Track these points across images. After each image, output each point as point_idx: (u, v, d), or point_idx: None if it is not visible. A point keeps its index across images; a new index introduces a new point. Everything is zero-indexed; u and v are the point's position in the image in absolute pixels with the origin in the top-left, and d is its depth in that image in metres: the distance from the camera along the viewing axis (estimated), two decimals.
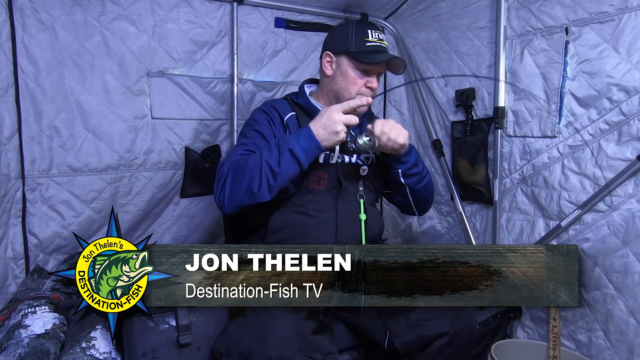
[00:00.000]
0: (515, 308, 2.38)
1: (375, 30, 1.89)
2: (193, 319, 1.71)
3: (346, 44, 1.87)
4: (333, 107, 1.67)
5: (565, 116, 2.13)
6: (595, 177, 2.03)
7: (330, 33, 2.02)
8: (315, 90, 2.06)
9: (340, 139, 1.66)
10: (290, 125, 1.93)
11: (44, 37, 2.09)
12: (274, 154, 1.65)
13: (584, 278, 2.10)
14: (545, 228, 2.24)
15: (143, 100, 2.36)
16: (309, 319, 1.49)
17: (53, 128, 2.15)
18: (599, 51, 2.01)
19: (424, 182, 2.00)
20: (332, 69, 1.93)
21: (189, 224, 2.69)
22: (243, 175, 1.67)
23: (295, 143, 1.64)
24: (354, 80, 1.88)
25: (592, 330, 2.07)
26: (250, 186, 1.65)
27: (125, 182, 2.37)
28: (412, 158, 1.91)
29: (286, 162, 1.64)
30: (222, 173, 1.74)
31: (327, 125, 1.64)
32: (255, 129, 1.90)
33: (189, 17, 2.43)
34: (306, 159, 1.66)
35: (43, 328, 1.73)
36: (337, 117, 1.64)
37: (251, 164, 1.66)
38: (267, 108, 1.98)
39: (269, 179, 1.64)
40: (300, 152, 1.64)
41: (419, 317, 1.63)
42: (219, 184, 1.74)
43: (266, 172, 1.63)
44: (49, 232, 2.20)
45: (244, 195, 1.67)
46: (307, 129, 1.67)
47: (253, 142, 1.84)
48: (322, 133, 1.65)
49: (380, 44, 1.88)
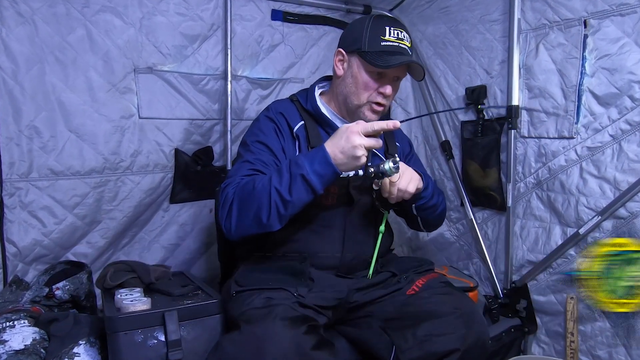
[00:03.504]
0: (531, 322, 2.38)
1: (395, 28, 1.81)
2: (183, 334, 1.72)
3: (359, 42, 1.81)
4: (353, 128, 1.57)
5: (584, 116, 2.13)
6: (616, 181, 2.03)
7: (347, 27, 1.97)
8: (327, 90, 2.04)
9: (360, 164, 1.59)
10: (300, 137, 1.89)
11: (23, 30, 2.10)
12: (284, 180, 1.60)
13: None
14: (562, 236, 2.24)
15: (130, 98, 2.37)
16: (309, 334, 1.49)
17: (33, 128, 2.15)
18: (619, 46, 2.01)
19: (438, 211, 2.02)
20: (344, 68, 1.89)
21: (179, 232, 2.69)
22: (250, 203, 1.64)
23: (309, 167, 1.58)
24: (365, 85, 1.83)
25: (612, 345, 2.07)
26: (258, 215, 1.63)
27: (110, 186, 2.37)
28: (427, 194, 1.91)
29: (298, 189, 1.59)
30: (227, 197, 1.71)
31: (347, 149, 1.55)
32: (260, 140, 1.86)
33: (179, 9, 2.44)
34: (321, 186, 1.60)
35: (22, 343, 1.73)
36: (358, 141, 1.54)
37: (259, 190, 1.62)
38: (274, 115, 1.93)
39: (279, 208, 1.61)
40: (315, 178, 1.58)
41: (427, 331, 1.62)
42: (224, 210, 1.71)
43: (276, 199, 1.60)
44: (28, 240, 2.20)
45: (252, 224, 1.66)
46: (322, 152, 1.59)
47: (259, 158, 1.81)
48: (340, 158, 1.57)
49: (398, 44, 1.80)
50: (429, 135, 2.97)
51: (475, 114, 2.59)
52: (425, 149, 3.02)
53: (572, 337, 2.18)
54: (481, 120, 2.55)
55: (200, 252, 2.80)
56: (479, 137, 2.58)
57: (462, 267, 2.82)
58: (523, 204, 2.42)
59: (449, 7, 2.72)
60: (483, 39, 2.54)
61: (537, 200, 2.36)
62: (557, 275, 2.25)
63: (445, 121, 2.84)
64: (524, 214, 2.42)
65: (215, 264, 2.65)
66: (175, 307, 1.73)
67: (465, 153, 2.70)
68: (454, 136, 2.80)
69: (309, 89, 2.02)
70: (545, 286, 2.32)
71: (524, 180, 2.39)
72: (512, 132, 2.40)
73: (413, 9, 2.91)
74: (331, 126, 1.93)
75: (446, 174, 2.87)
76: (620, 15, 1.99)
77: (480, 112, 2.55)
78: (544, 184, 2.30)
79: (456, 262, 2.89)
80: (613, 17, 2.02)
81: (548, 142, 2.27)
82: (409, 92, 3.08)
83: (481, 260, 2.69)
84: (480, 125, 2.56)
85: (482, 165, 2.58)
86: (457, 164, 2.78)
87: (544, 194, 2.32)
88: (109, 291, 1.93)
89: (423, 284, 1.82)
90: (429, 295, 1.76)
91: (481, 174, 2.60)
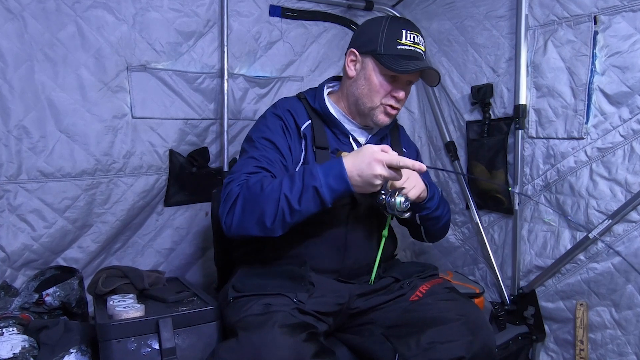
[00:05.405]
0: (539, 330, 2.38)
1: (411, 32, 1.84)
2: (178, 342, 1.72)
3: (374, 44, 1.84)
4: (378, 155, 1.57)
5: (594, 115, 2.14)
6: (628, 184, 2.04)
7: (360, 27, 1.99)
8: (336, 89, 2.05)
9: (374, 190, 1.63)
10: (307, 136, 1.91)
11: (12, 26, 2.09)
12: (295, 188, 1.61)
13: (615, 296, 2.11)
14: (571, 240, 2.25)
15: (122, 97, 2.37)
16: (309, 341, 1.49)
17: (22, 128, 2.15)
18: (631, 43, 2.02)
19: (442, 222, 2.04)
20: (356, 69, 1.91)
21: (173, 236, 2.69)
22: (256, 204, 1.65)
23: (324, 181, 1.60)
24: (378, 88, 1.86)
25: (623, 354, 2.08)
26: (262, 219, 1.64)
27: (102, 188, 2.37)
28: (432, 204, 1.93)
29: (308, 200, 1.61)
30: (231, 193, 1.72)
31: (366, 174, 1.57)
32: (266, 137, 1.88)
33: (173, 4, 2.44)
34: (332, 200, 1.62)
35: (11, 352, 1.73)
36: (380, 171, 1.56)
37: (268, 193, 1.64)
38: (282, 112, 1.95)
39: (285, 215, 1.63)
40: (327, 192, 1.60)
41: (431, 339, 1.62)
42: (226, 205, 1.73)
43: (283, 206, 1.61)
44: (17, 244, 2.19)
45: (254, 226, 1.67)
46: (340, 167, 1.60)
47: (264, 155, 1.82)
48: (357, 180, 1.59)
49: (414, 48, 1.83)
50: (434, 135, 2.98)
51: (481, 113, 2.60)
52: (429, 150, 3.02)
53: (582, 345, 2.18)
54: (487, 120, 2.56)
55: (195, 257, 2.80)
56: (485, 137, 2.58)
57: (468, 273, 2.83)
58: (531, 207, 2.43)
59: (454, 3, 2.73)
60: (489, 36, 2.55)
61: (545, 203, 2.36)
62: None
63: (450, 121, 2.85)
64: (531, 218, 2.43)
65: (211, 269, 2.65)
66: (169, 314, 1.73)
67: (471, 154, 2.71)
68: (459, 137, 2.81)
69: (318, 88, 2.03)
70: (554, 292, 2.32)
71: (532, 182, 2.40)
72: (519, 133, 2.41)
73: (417, 4, 2.92)
74: (338, 127, 1.95)
75: (451, 175, 2.87)
76: (632, 11, 2.00)
77: (486, 111, 2.55)
78: (552, 186, 2.31)
79: (461, 267, 2.89)
80: (624, 13, 2.02)
81: (557, 143, 2.28)
82: (412, 92, 3.08)
83: (487, 265, 2.70)
84: (487, 126, 2.57)
85: (489, 166, 2.59)
86: (463, 166, 2.79)
87: (552, 196, 2.32)
88: (101, 297, 1.94)
89: (427, 290, 1.82)
90: (433, 302, 1.76)
91: (487, 176, 2.60)
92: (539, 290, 2.39)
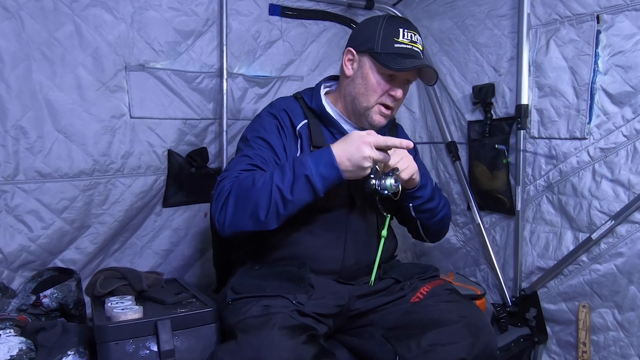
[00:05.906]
0: (541, 332, 2.38)
1: (408, 30, 1.85)
2: (177, 344, 1.72)
3: (372, 42, 1.84)
4: (366, 139, 1.60)
5: (597, 115, 2.14)
6: (631, 184, 2.04)
7: (357, 26, 2.00)
8: (333, 89, 2.06)
9: (365, 174, 1.64)
10: (303, 135, 1.92)
11: (9, 26, 2.10)
12: (286, 178, 1.63)
13: (618, 298, 2.11)
14: (573, 241, 2.25)
15: (121, 97, 2.37)
16: (309, 344, 1.49)
17: (19, 129, 2.15)
18: (634, 42, 2.02)
19: (438, 217, 2.03)
20: (353, 68, 1.92)
21: (172, 237, 2.69)
22: (248, 198, 1.66)
23: (314, 169, 1.61)
24: (375, 87, 1.86)
25: (626, 356, 2.08)
26: (256, 212, 1.65)
27: (100, 189, 2.37)
28: (425, 194, 1.92)
29: (300, 189, 1.62)
30: (223, 190, 1.73)
31: (355, 157, 1.59)
32: (261, 136, 1.89)
33: (172, 3, 2.44)
34: (324, 188, 1.63)
35: (8, 354, 1.73)
36: (368, 152, 1.58)
37: (260, 186, 1.65)
38: (278, 112, 1.96)
39: (278, 207, 1.63)
40: (319, 180, 1.61)
41: (432, 341, 1.62)
42: (218, 203, 1.73)
43: (276, 198, 1.62)
44: (14, 245, 2.20)
45: (248, 220, 1.67)
46: (329, 154, 1.62)
47: (258, 154, 1.83)
48: (346, 165, 1.61)
49: (412, 47, 1.84)
50: (434, 135, 2.98)
51: (483, 113, 2.60)
52: (430, 150, 3.02)
53: (585, 347, 2.18)
54: (489, 120, 2.56)
55: (194, 258, 2.80)
56: (486, 137, 2.58)
57: (469, 274, 2.83)
58: (533, 207, 2.43)
59: (455, 2, 2.73)
60: (491, 35, 2.55)
61: (547, 204, 2.36)
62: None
63: (451, 121, 2.85)
64: (533, 218, 2.43)
65: (210, 270, 2.65)
66: (168, 316, 1.74)
67: (472, 154, 2.71)
68: (460, 137, 2.81)
69: (315, 87, 2.04)
70: (556, 294, 2.32)
71: (534, 182, 2.40)
72: (521, 133, 2.41)
73: (417, 3, 2.92)
74: (336, 126, 1.95)
75: (452, 176, 2.87)
76: (635, 10, 2.00)
77: (488, 111, 2.55)
78: (554, 186, 2.31)
79: (463, 268, 2.89)
80: (627, 12, 2.03)
81: (559, 143, 2.28)
82: (413, 91, 3.08)
83: (489, 266, 2.70)
84: (488, 126, 2.57)
85: (490, 167, 2.58)
86: (464, 166, 2.79)
87: (554, 197, 2.32)
88: (98, 299, 1.94)
89: (428, 292, 1.82)
90: (434, 303, 1.76)
91: (489, 177, 2.60)
92: (541, 291, 2.39)
